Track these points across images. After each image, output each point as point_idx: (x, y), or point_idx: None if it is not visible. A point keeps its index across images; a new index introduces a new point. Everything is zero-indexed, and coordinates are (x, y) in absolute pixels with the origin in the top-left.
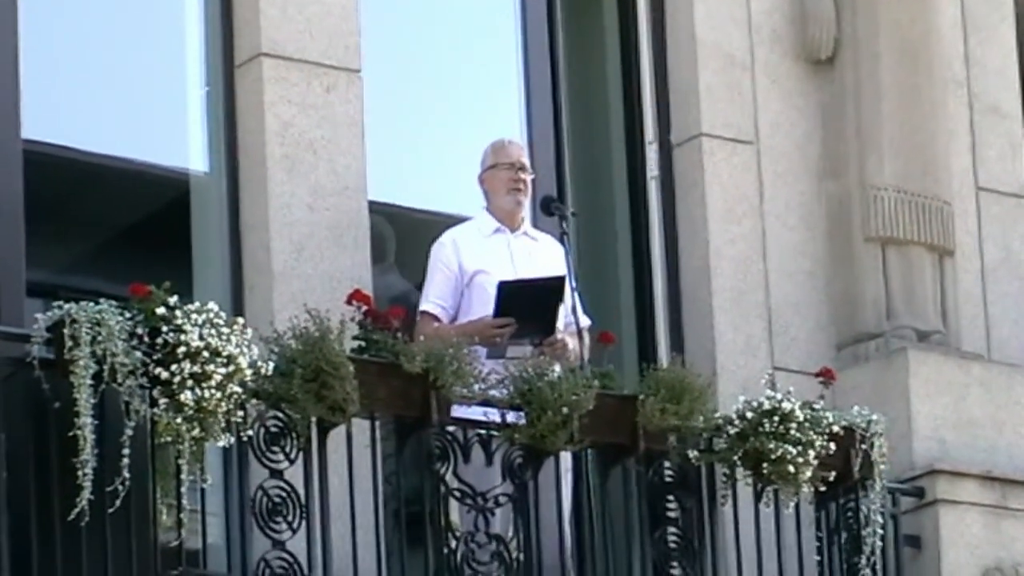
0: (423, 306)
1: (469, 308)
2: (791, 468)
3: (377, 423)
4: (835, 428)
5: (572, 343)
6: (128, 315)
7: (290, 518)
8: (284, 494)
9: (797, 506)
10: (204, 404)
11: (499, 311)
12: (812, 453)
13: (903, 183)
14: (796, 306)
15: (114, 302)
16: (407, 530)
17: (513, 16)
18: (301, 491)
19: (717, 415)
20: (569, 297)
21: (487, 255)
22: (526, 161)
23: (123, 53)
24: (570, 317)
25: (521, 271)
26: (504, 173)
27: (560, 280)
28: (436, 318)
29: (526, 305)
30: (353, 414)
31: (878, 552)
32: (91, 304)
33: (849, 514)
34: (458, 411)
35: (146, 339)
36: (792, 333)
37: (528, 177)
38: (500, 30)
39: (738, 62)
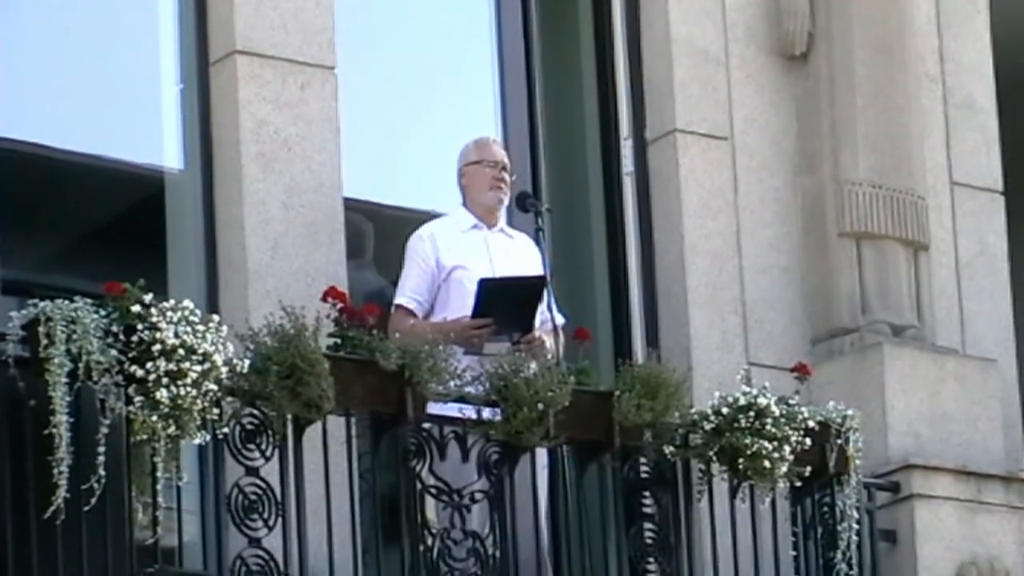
0: (398, 299)
1: (447, 303)
2: (767, 463)
3: (353, 420)
4: (810, 423)
5: (549, 341)
6: (103, 313)
7: (266, 515)
8: (260, 491)
9: (773, 501)
10: (180, 402)
11: (479, 308)
12: (788, 448)
13: (878, 178)
14: (771, 301)
15: (89, 300)
16: (383, 527)
17: (488, 13)
18: (277, 488)
19: (693, 411)
20: (546, 295)
21: (465, 251)
22: (508, 163)
23: (97, 51)
24: (546, 314)
25: (499, 267)
26: (488, 170)
27: (541, 279)
28: (411, 312)
29: (506, 303)
30: (329, 411)
31: (853, 547)
32: (66, 302)
33: (825, 509)
34: (434, 408)
35: (121, 337)
36: (767, 328)
37: (511, 178)
38: (475, 27)
39: (712, 58)
